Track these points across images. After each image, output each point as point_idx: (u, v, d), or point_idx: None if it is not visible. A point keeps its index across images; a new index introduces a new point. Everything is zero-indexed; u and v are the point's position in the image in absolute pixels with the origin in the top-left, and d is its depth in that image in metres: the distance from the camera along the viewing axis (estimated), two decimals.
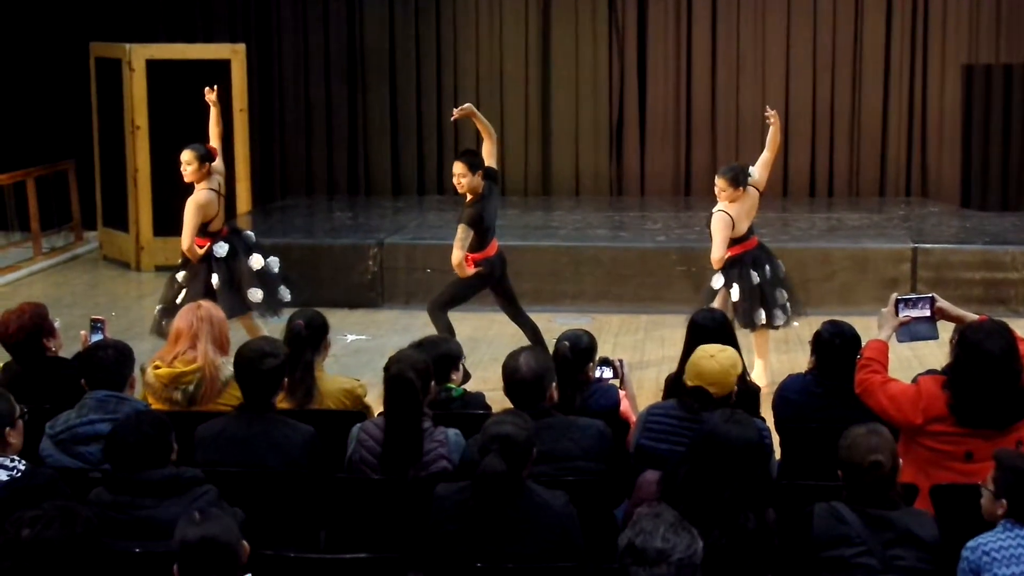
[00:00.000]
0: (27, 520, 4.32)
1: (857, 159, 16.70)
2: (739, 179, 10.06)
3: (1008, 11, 16.05)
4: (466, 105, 10.29)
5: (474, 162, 9.93)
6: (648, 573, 4.13)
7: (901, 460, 5.23)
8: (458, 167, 9.94)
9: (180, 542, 4.37)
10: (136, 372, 6.46)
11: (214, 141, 10.32)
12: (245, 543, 4.46)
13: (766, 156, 10.33)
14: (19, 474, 5.28)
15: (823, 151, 16.75)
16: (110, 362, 6.17)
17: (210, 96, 10.41)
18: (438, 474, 5.81)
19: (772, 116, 10.37)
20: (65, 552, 4.29)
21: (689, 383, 6.09)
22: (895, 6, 16.36)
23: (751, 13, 16.57)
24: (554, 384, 6.14)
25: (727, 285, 10.09)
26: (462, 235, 9.85)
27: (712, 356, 6.13)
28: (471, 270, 9.98)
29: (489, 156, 10.07)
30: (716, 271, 10.13)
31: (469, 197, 9.97)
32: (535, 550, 5.09)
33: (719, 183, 10.07)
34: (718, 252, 10.01)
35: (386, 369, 6.09)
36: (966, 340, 5.85)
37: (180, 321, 7.01)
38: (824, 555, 5.01)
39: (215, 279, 10.01)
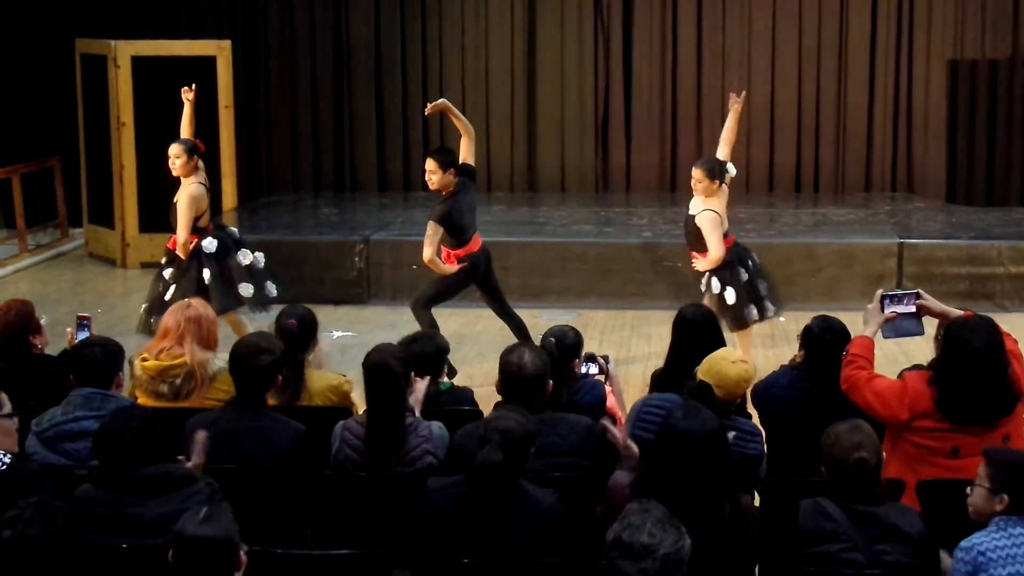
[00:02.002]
0: (6, 521, 4.32)
1: (843, 154, 16.70)
2: (715, 171, 9.96)
3: (993, 6, 16.07)
4: (440, 100, 10.28)
5: (445, 159, 9.91)
6: (633, 567, 4.14)
7: (886, 455, 5.23)
8: (429, 164, 9.93)
9: (176, 533, 4.37)
10: (125, 369, 6.45)
11: (185, 136, 10.28)
12: (243, 552, 4.45)
13: (726, 150, 10.20)
14: (4, 467, 5.28)
15: (809, 146, 16.76)
16: (97, 360, 6.16)
17: (187, 94, 10.37)
18: (424, 469, 5.81)
19: (737, 101, 10.23)
20: (48, 547, 4.28)
21: (700, 376, 6.09)
22: (880, 2, 16.38)
23: (736, 8, 16.57)
24: (550, 382, 6.18)
25: (722, 287, 10.00)
26: (431, 232, 9.85)
27: (733, 363, 6.11)
28: (452, 267, 9.96)
29: (467, 152, 10.03)
30: (706, 273, 10.02)
31: (444, 193, 9.96)
32: (524, 546, 5.09)
33: (696, 174, 9.94)
34: (719, 251, 9.91)
35: (365, 361, 6.10)
36: (952, 336, 5.85)
37: (168, 319, 7.04)
38: (810, 551, 5.01)
39: (206, 274, 10.00)
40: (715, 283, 10.01)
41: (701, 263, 10.02)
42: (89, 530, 4.85)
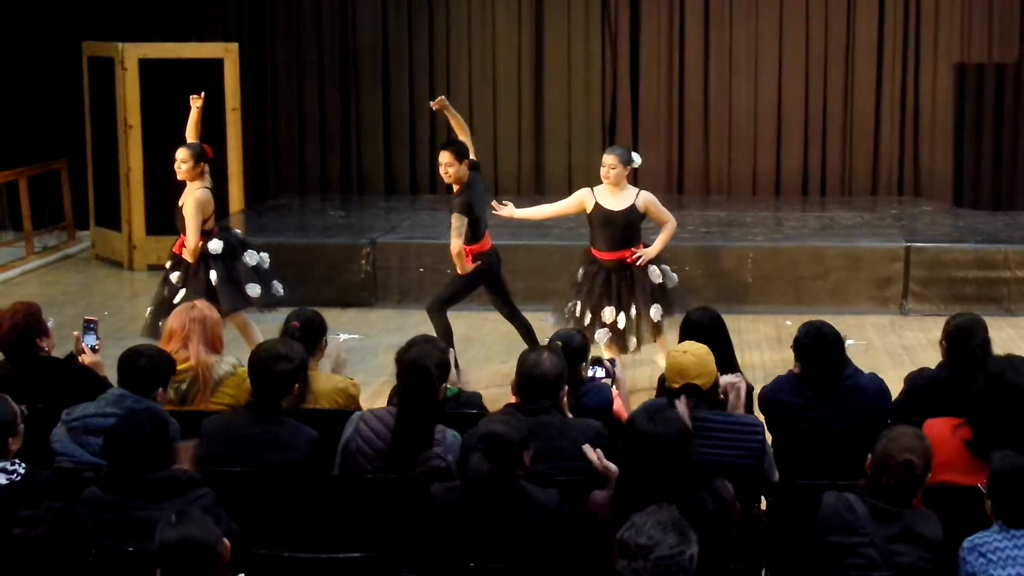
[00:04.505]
0: (19, 519, 4.32)
1: (850, 158, 16.68)
2: (627, 158, 9.95)
3: (1000, 10, 16.05)
4: (440, 97, 10.30)
5: (460, 151, 9.92)
6: (627, 567, 4.16)
7: None
8: (445, 156, 9.91)
9: (159, 544, 4.37)
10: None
11: (190, 139, 10.29)
12: (227, 541, 4.46)
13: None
14: (19, 478, 5.29)
15: (816, 150, 16.73)
16: (140, 369, 6.19)
17: (196, 101, 10.38)
18: (435, 471, 5.81)
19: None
20: (51, 554, 4.27)
21: (676, 385, 6.08)
22: (887, 5, 16.35)
23: (744, 11, 16.56)
24: (566, 388, 6.20)
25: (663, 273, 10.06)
26: (457, 224, 9.81)
27: (686, 352, 6.14)
28: (469, 265, 9.94)
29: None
30: (643, 265, 9.93)
31: (456, 188, 9.95)
32: (528, 549, 5.10)
33: (610, 160, 9.87)
34: (673, 219, 10.23)
35: (401, 358, 6.09)
36: (991, 375, 5.79)
37: (173, 321, 7.06)
38: (827, 540, 5.05)
39: (213, 276, 9.97)
40: (655, 271, 9.94)
41: (652, 248, 9.93)
42: (95, 533, 4.86)
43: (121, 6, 16.92)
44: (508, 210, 10.14)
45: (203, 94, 10.46)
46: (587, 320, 9.81)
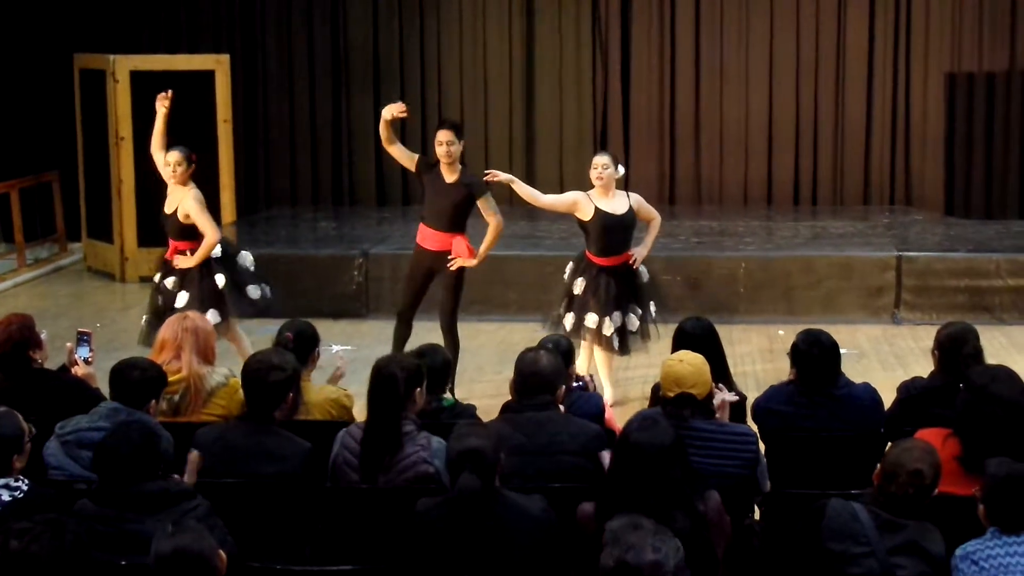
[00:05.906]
0: (15, 532, 4.31)
1: (841, 167, 16.70)
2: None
3: (991, 19, 16.08)
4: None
5: (460, 129, 9.78)
6: None
7: None
8: (446, 135, 9.59)
9: (154, 556, 4.37)
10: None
11: (158, 147, 10.16)
12: (223, 553, 4.45)
13: None
14: (21, 495, 5.29)
15: (807, 159, 16.75)
16: (131, 381, 6.16)
17: (163, 101, 10.21)
18: (421, 478, 5.81)
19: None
20: (52, 566, 4.27)
21: (671, 393, 6.08)
22: (878, 14, 16.39)
23: (735, 20, 16.58)
24: (564, 388, 6.26)
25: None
26: (493, 201, 9.71)
27: (682, 361, 6.14)
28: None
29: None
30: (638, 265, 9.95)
31: (455, 176, 9.71)
32: (514, 557, 5.09)
33: (605, 160, 9.80)
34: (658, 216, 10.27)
35: (373, 366, 6.12)
36: (975, 386, 5.80)
37: (165, 331, 7.03)
38: (829, 546, 5.05)
39: (220, 280, 9.89)
40: (644, 270, 10.00)
41: (645, 248, 9.98)
42: (89, 545, 4.84)
43: (112, 18, 16.93)
44: (505, 175, 9.74)
45: (170, 92, 10.33)
46: (607, 328, 9.68)
